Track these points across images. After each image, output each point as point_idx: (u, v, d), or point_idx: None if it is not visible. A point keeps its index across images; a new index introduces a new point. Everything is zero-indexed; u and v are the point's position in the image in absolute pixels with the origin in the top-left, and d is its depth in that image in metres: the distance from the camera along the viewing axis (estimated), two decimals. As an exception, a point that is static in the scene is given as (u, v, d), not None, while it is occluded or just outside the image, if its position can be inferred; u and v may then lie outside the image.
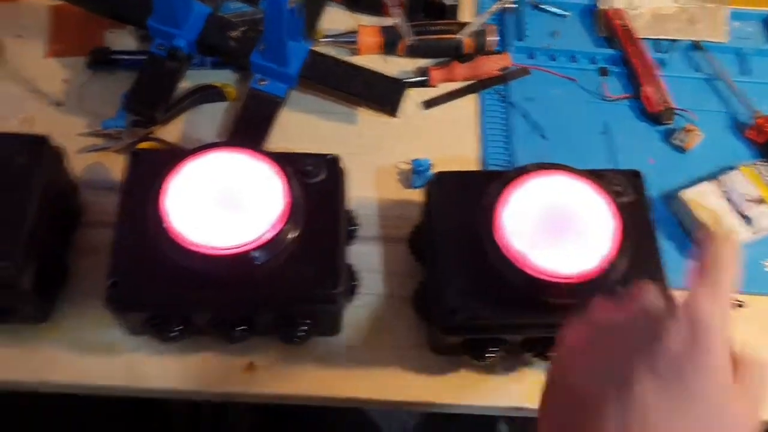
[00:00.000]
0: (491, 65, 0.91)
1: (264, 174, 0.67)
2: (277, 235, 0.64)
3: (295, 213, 0.66)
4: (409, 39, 0.87)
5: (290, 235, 0.66)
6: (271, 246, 0.64)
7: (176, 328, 0.68)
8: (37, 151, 0.69)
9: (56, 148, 0.72)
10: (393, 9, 0.87)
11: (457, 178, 0.72)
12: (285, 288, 0.66)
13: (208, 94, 0.87)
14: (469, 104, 0.91)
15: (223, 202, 0.66)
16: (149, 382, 0.71)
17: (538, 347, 0.69)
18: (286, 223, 0.65)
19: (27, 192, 0.67)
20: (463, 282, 0.66)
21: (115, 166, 0.82)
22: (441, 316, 0.66)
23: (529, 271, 0.63)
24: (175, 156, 0.68)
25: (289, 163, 0.69)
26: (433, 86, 0.91)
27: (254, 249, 0.64)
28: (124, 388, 0.71)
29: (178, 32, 0.83)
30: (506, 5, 0.90)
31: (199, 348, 0.72)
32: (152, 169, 0.68)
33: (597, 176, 0.69)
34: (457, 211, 0.70)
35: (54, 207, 0.71)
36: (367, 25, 0.93)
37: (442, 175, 0.71)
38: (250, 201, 0.66)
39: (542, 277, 0.63)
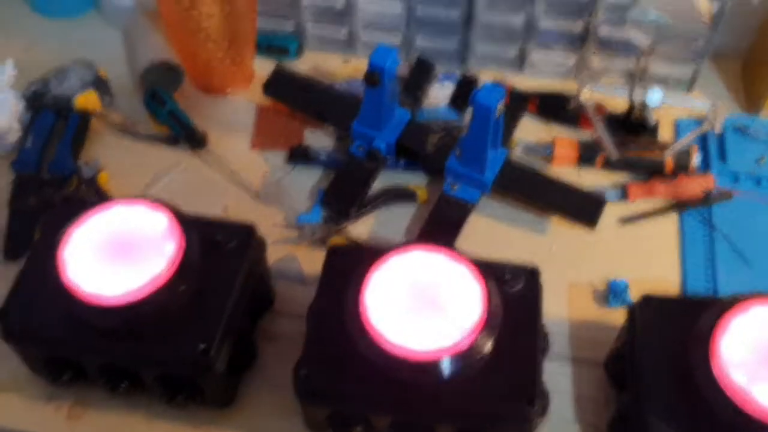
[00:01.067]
0: (693, 186, 0.86)
1: (463, 278, 0.65)
2: (472, 343, 0.62)
3: (491, 322, 0.63)
4: (614, 155, 0.84)
5: (485, 345, 0.63)
6: (465, 355, 0.62)
7: (357, 429, 0.66)
8: (246, 238, 0.72)
9: (260, 238, 0.74)
10: (596, 124, 0.85)
11: (664, 303, 0.67)
12: (476, 401, 0.62)
13: (399, 195, 0.88)
14: (668, 224, 0.86)
15: (420, 304, 0.64)
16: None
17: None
18: (482, 331, 0.62)
19: (233, 275, 0.70)
20: (668, 414, 0.60)
21: (306, 259, 0.84)
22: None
23: (749, 411, 0.57)
24: (374, 253, 0.68)
25: (488, 270, 0.67)
26: (631, 202, 0.87)
27: (450, 356, 0.61)
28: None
29: (379, 135, 0.86)
30: (711, 128, 0.86)
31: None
32: (349, 265, 0.69)
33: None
34: (663, 337, 0.64)
35: (251, 292, 0.73)
36: (562, 137, 0.92)
37: (649, 300, 0.67)
38: (447, 304, 0.64)
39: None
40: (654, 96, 0.86)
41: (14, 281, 0.70)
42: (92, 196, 0.87)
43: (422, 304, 0.64)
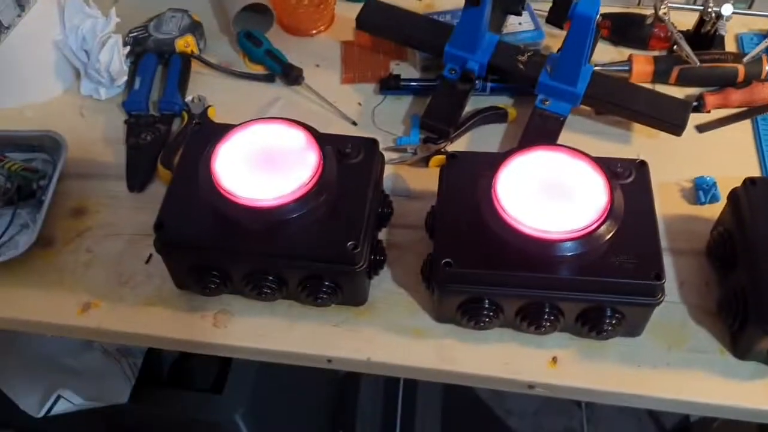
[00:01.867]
0: (767, 92, 0.92)
1: (588, 174, 0.71)
2: (600, 226, 0.68)
3: (615, 207, 0.69)
4: (696, 62, 0.90)
5: (612, 229, 0.69)
6: (594, 237, 0.68)
7: (488, 313, 0.73)
8: (371, 150, 0.78)
9: (380, 152, 0.80)
10: (677, 36, 0.91)
11: None
12: (606, 279, 0.69)
13: (492, 114, 0.94)
14: (743, 128, 0.93)
15: (549, 194, 0.70)
16: (459, 365, 0.75)
17: None
18: (608, 215, 0.68)
19: (365, 183, 0.76)
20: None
21: (410, 177, 0.90)
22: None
23: None
24: (494, 156, 0.74)
25: (604, 164, 0.73)
26: (707, 112, 0.93)
27: (581, 237, 0.67)
28: (435, 370, 0.75)
29: (472, 57, 0.91)
30: (785, 34, 0.92)
31: (504, 339, 0.76)
32: (468, 169, 0.76)
33: None
34: (770, 215, 0.71)
35: (377, 202, 0.79)
36: (637, 54, 0.98)
37: (756, 181, 0.73)
38: (573, 194, 0.70)
39: None
40: (727, 7, 0.92)
41: (164, 197, 0.76)
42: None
43: (551, 194, 0.71)
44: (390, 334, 0.77)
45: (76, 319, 0.80)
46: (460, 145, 0.93)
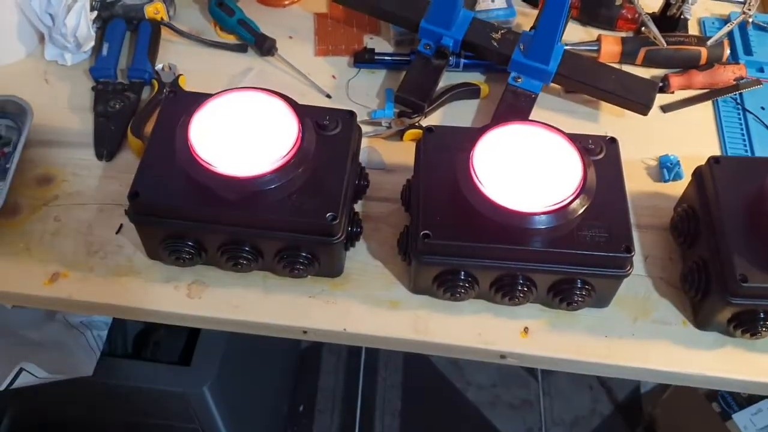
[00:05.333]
0: (728, 75, 0.95)
1: (563, 149, 0.73)
2: (571, 202, 0.70)
3: (588, 185, 0.71)
4: (663, 43, 0.93)
5: (582, 204, 0.71)
6: (568, 211, 0.70)
7: (464, 284, 0.74)
8: (350, 122, 0.78)
9: (357, 124, 0.81)
10: (645, 17, 0.93)
11: (730, 162, 0.76)
12: (579, 251, 0.71)
13: (465, 90, 0.95)
14: (705, 110, 0.96)
15: (524, 169, 0.72)
16: (433, 336, 0.76)
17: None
18: (583, 187, 0.70)
19: (344, 155, 0.76)
20: (749, 253, 0.70)
21: (385, 150, 0.91)
22: (729, 283, 0.69)
23: None
24: (468, 131, 0.76)
25: (576, 140, 0.75)
26: (671, 92, 0.96)
27: (550, 213, 0.69)
28: (410, 341, 0.77)
29: (447, 32, 0.92)
30: (747, 18, 0.96)
31: (478, 310, 0.78)
32: (446, 143, 0.77)
33: None
34: (735, 190, 0.74)
35: (355, 173, 0.79)
36: (606, 34, 1.00)
37: (719, 160, 0.76)
38: (548, 168, 0.72)
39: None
40: (692, -10, 0.95)
41: (139, 166, 0.75)
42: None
43: (526, 168, 0.72)
44: (366, 305, 0.78)
45: (45, 290, 0.78)
46: (433, 119, 0.94)
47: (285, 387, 1.58)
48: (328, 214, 0.71)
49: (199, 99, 0.75)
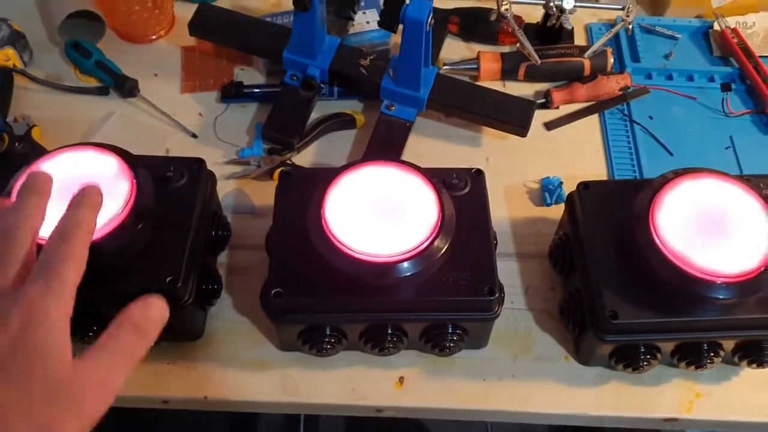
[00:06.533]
0: (612, 85, 0.92)
1: (416, 186, 0.69)
2: (431, 244, 0.65)
3: (446, 223, 0.67)
4: (537, 60, 0.89)
5: (443, 245, 0.67)
6: (426, 255, 0.65)
7: (330, 340, 0.69)
8: (197, 171, 0.73)
9: (210, 171, 0.75)
10: (518, 33, 0.89)
11: (600, 187, 0.72)
12: (442, 297, 0.66)
13: (338, 121, 0.90)
14: (591, 124, 0.92)
15: (378, 213, 0.67)
16: (304, 396, 0.72)
17: (691, 356, 0.68)
18: (439, 232, 0.66)
19: (189, 210, 0.71)
20: (619, 286, 0.66)
21: (254, 192, 0.85)
22: (600, 320, 0.65)
23: (690, 271, 0.63)
24: (327, 172, 0.70)
25: (437, 176, 0.70)
26: (555, 108, 0.92)
27: (412, 257, 0.65)
28: (279, 403, 0.72)
29: (312, 62, 0.87)
30: (627, 25, 0.92)
31: (351, 362, 0.73)
32: (302, 186, 0.71)
33: (745, 180, 0.69)
34: (605, 218, 0.70)
35: (208, 226, 0.74)
36: (486, 51, 0.96)
37: (587, 185, 0.72)
38: (404, 211, 0.67)
39: (704, 276, 0.63)
40: (569, 1, 0.90)
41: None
42: (29, 151, 0.85)
43: (383, 213, 0.67)
44: (230, 369, 0.73)
45: None
46: (307, 154, 0.89)
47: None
48: (168, 278, 0.66)
49: (27, 162, 0.69)
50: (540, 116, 0.92)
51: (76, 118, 0.91)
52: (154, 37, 1.00)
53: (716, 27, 1.00)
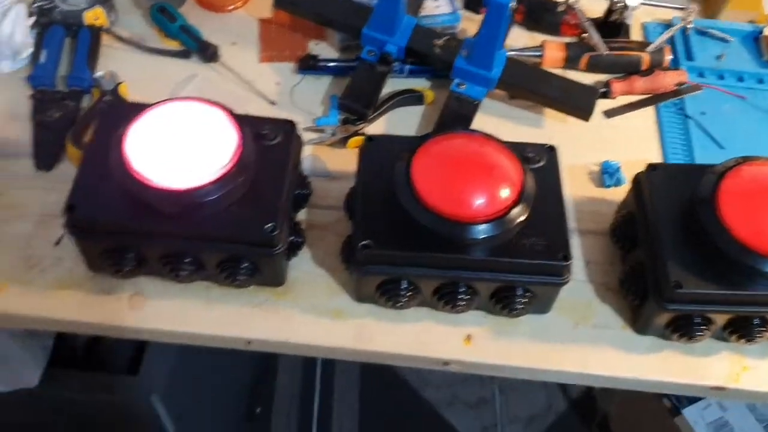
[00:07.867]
0: (669, 80, 0.97)
1: (502, 158, 0.74)
2: (509, 210, 0.71)
3: (526, 194, 0.72)
4: (604, 49, 0.94)
5: (521, 212, 0.72)
6: (505, 220, 0.70)
7: (406, 293, 0.74)
8: (290, 132, 0.78)
9: (297, 134, 0.80)
10: (586, 24, 0.94)
11: (668, 169, 0.78)
12: (518, 258, 0.72)
13: (409, 97, 0.95)
14: (647, 115, 0.98)
15: (463, 179, 0.72)
16: (377, 345, 0.77)
17: (743, 329, 0.74)
18: (518, 201, 0.71)
19: (283, 165, 0.76)
20: (682, 259, 0.71)
21: (329, 158, 0.90)
22: (664, 290, 0.71)
23: (754, 246, 0.68)
24: (410, 141, 0.76)
25: (513, 148, 0.75)
26: (613, 98, 0.97)
27: (489, 221, 0.70)
28: (354, 351, 0.77)
29: (390, 39, 0.92)
30: (686, 26, 0.97)
31: (421, 318, 0.78)
32: (385, 153, 0.77)
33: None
34: (670, 197, 0.75)
35: (296, 183, 0.79)
36: (550, 40, 1.01)
37: (657, 167, 0.77)
38: (488, 179, 0.73)
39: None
40: (633, -3, 0.96)
41: (75, 178, 0.73)
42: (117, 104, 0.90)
43: (466, 178, 0.72)
44: (309, 315, 0.78)
45: (-19, 303, 0.77)
46: (378, 126, 0.94)
47: (241, 389, 1.56)
48: (267, 225, 0.71)
49: (136, 109, 0.74)
50: (599, 105, 0.97)
51: (159, 78, 0.96)
52: (231, 7, 1.05)
53: (767, 32, 1.05)
